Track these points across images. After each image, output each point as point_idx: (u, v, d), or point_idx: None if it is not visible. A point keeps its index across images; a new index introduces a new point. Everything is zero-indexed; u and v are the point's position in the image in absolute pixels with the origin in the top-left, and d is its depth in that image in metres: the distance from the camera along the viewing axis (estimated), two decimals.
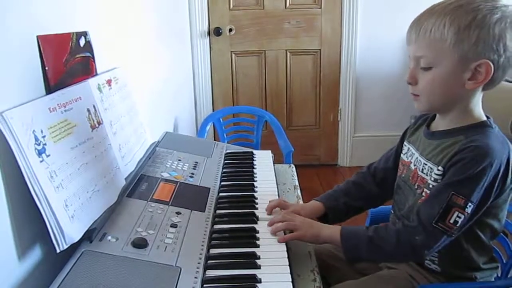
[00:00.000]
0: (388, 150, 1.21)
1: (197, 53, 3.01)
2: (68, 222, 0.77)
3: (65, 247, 0.76)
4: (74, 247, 0.80)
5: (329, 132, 3.26)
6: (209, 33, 3.02)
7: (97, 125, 0.96)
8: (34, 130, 0.75)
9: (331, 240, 0.97)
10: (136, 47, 1.61)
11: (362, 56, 3.07)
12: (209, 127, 2.54)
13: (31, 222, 0.76)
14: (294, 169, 1.51)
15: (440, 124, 1.02)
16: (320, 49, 3.09)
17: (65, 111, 0.86)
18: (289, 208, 1.08)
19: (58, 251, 0.75)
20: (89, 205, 0.85)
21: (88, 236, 0.82)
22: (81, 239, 0.81)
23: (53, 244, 0.75)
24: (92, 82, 1.02)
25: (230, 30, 3.01)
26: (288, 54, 3.10)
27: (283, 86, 3.16)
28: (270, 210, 1.07)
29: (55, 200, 0.75)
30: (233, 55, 3.09)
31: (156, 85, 1.91)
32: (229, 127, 2.64)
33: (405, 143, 1.12)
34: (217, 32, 2.99)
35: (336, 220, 1.13)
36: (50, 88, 0.87)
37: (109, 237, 0.85)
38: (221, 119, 2.58)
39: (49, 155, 0.77)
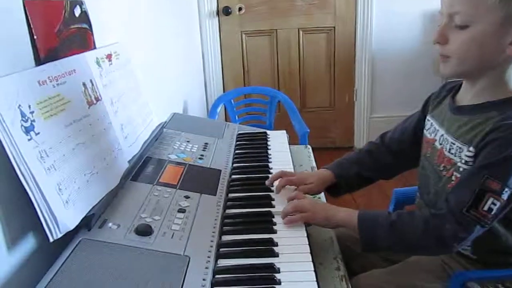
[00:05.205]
0: (405, 119, 1.11)
1: (206, 34, 2.91)
2: (62, 208, 0.69)
3: (59, 235, 0.68)
4: (71, 236, 0.72)
5: (344, 113, 3.15)
6: (218, 13, 2.91)
7: (94, 101, 0.87)
8: (20, 105, 0.66)
9: (346, 224, 0.87)
10: (139, 25, 1.52)
11: (378, 33, 2.93)
12: (220, 109, 2.45)
13: (21, 208, 0.68)
14: (310, 150, 1.43)
15: (467, 96, 0.91)
16: (334, 27, 2.96)
17: (57, 85, 0.77)
18: (294, 177, 1.01)
19: (51, 240, 0.67)
20: (86, 189, 0.77)
21: (86, 223, 0.74)
22: (78, 226, 0.73)
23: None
24: (89, 55, 0.93)
25: (240, 9, 2.90)
26: (301, 32, 2.98)
27: (296, 67, 3.05)
28: (271, 182, 1.00)
29: (46, 183, 0.66)
30: (244, 35, 2.98)
31: (162, 65, 1.82)
32: (241, 109, 2.55)
33: (428, 117, 1.01)
34: (226, 11, 2.88)
35: (347, 190, 1.06)
36: (41, 60, 0.79)
37: (110, 224, 0.77)
38: (232, 101, 2.49)
39: (38, 133, 0.68)
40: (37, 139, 0.68)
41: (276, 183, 1.01)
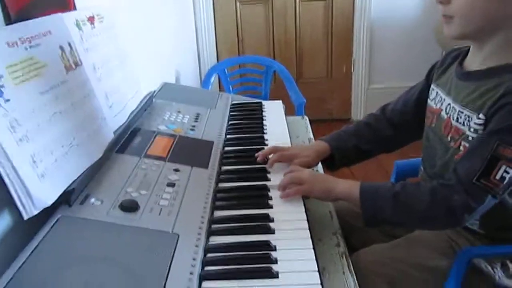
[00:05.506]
0: (407, 90, 1.06)
1: (198, 1, 2.79)
2: (37, 182, 0.63)
3: (34, 212, 0.62)
4: (50, 213, 0.66)
5: (342, 84, 3.07)
6: None
7: (73, 66, 0.80)
8: None
9: (347, 197, 0.82)
10: None
11: (377, 0, 2.82)
12: (214, 79, 2.37)
13: None
14: (307, 121, 1.37)
15: (476, 61, 0.85)
16: None
17: (30, 47, 0.69)
18: (286, 151, 0.95)
19: (26, 217, 0.61)
20: (65, 161, 0.71)
21: (66, 199, 0.69)
22: (58, 202, 0.67)
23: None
24: (67, 16, 0.85)
25: None
26: (297, 0, 2.87)
27: (292, 36, 2.96)
28: (263, 158, 0.95)
29: (17, 155, 0.60)
30: (238, 3, 2.88)
31: (152, 32, 1.73)
32: (235, 79, 2.47)
33: (432, 86, 0.95)
34: None
35: (344, 163, 1.01)
36: (11, 20, 0.71)
37: (93, 200, 0.72)
38: (226, 70, 2.41)
39: (8, 100, 0.61)
40: (6, 107, 0.61)
41: (269, 157, 0.95)
